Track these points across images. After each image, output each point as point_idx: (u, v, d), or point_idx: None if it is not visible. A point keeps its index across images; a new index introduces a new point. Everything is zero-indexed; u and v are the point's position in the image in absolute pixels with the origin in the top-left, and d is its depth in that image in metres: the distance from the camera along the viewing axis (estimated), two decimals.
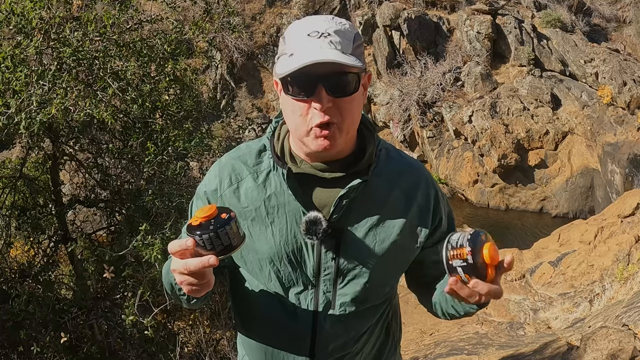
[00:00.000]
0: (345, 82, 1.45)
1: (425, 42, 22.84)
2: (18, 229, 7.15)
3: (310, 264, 1.58)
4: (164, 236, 5.28)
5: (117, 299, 6.78)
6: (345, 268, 1.58)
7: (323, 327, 1.63)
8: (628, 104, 21.09)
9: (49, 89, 5.11)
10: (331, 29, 1.44)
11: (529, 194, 20.54)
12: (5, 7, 5.25)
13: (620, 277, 8.44)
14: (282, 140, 1.62)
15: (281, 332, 1.66)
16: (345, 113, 1.47)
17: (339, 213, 1.54)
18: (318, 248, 1.56)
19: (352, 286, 1.60)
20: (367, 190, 1.56)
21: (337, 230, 1.55)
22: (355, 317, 1.63)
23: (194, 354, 6.54)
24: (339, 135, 1.48)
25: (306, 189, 1.56)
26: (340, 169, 1.56)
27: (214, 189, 1.63)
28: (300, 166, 1.57)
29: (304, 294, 1.61)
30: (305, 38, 1.44)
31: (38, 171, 7.26)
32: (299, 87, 1.44)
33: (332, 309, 1.61)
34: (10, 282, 6.60)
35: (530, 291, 10.65)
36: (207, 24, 6.49)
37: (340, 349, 1.67)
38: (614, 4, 26.44)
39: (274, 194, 1.57)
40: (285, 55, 1.47)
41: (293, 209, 1.55)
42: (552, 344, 5.53)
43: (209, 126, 8.07)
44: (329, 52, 1.41)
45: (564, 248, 12.68)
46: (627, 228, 11.44)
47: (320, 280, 1.59)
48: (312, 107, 1.44)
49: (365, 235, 1.57)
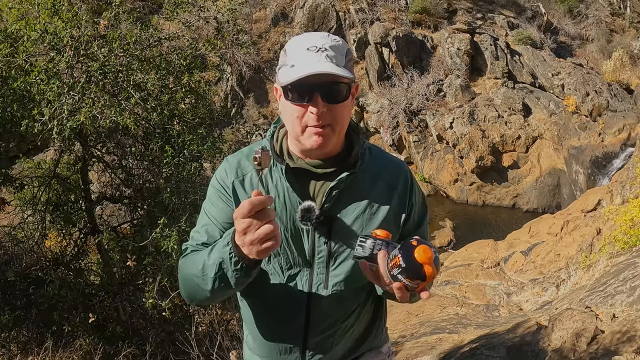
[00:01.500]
0: (338, 91, 1.48)
1: (412, 58, 22.82)
2: (52, 222, 7.15)
3: (306, 248, 1.60)
4: (180, 229, 5.28)
5: (139, 284, 6.77)
6: (336, 251, 1.60)
7: (316, 305, 1.64)
8: (590, 112, 21.10)
9: (78, 99, 5.09)
10: (327, 44, 1.47)
11: (503, 191, 20.53)
12: (40, 27, 5.24)
13: (583, 265, 8.43)
14: (280, 141, 1.65)
15: (277, 309, 1.67)
16: (337, 117, 1.51)
17: (330, 202, 1.57)
18: (312, 233, 1.59)
19: (343, 267, 1.61)
20: (354, 183, 1.59)
21: (329, 218, 1.58)
22: (346, 296, 1.64)
23: (207, 332, 6.52)
24: (332, 135, 1.52)
25: (301, 182, 1.59)
26: (331, 165, 1.59)
27: (224, 178, 1.65)
28: (297, 162, 1.60)
29: (299, 275, 1.62)
30: (305, 52, 1.47)
31: (70, 171, 7.25)
32: (298, 94, 1.47)
33: (325, 289, 1.62)
34: (45, 269, 6.59)
35: (504, 277, 10.65)
36: (218, 41, 6.48)
37: (331, 326, 1.67)
38: (578, 24, 26.46)
39: (275, 186, 1.59)
40: (287, 66, 1.49)
41: (291, 199, 1.58)
42: (524, 324, 5.52)
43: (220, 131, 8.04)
44: (326, 64, 1.44)
45: (534, 239, 12.68)
46: (589, 222, 11.45)
47: (315, 263, 1.61)
48: (308, 112, 1.48)
49: (353, 221, 1.59)
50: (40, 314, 6.22)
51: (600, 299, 5.61)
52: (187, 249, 1.67)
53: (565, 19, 26.42)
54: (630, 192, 10.56)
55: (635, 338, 4.02)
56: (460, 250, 13.83)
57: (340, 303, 1.64)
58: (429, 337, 6.50)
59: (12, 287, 6.33)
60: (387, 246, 1.39)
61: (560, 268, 9.68)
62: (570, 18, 26.60)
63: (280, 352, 1.71)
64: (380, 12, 23.64)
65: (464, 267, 11.68)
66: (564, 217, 13.24)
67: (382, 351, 1.86)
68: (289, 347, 1.70)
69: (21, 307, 6.29)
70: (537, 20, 25.52)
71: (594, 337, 4.33)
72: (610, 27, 26.38)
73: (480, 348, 5.18)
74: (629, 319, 4.49)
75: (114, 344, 6.18)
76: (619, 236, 7.92)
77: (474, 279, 10.64)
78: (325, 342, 1.69)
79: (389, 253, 1.36)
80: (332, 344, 1.70)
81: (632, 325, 4.21)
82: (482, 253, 12.59)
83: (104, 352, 5.82)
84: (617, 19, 27.12)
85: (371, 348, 1.81)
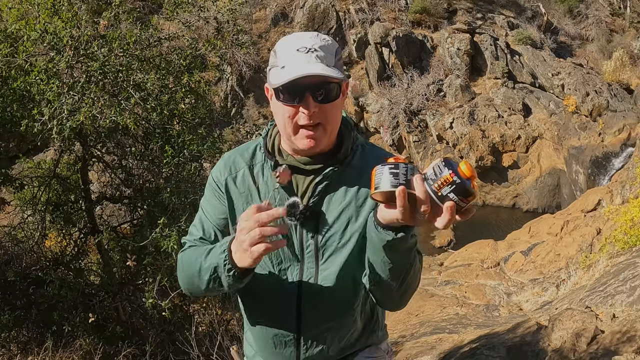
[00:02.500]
0: (328, 91, 1.49)
1: (412, 58, 22.81)
2: (52, 222, 7.14)
3: (295, 243, 1.61)
4: (180, 229, 5.28)
5: (139, 284, 6.77)
6: (323, 245, 1.61)
7: (308, 299, 1.64)
8: (590, 112, 21.09)
9: (78, 98, 5.09)
10: (317, 45, 1.48)
11: (503, 191, 20.52)
12: (40, 27, 5.23)
13: (583, 264, 8.43)
14: (273, 138, 1.67)
15: (270, 303, 1.68)
16: (328, 116, 1.52)
17: (316, 198, 1.59)
18: (300, 228, 1.60)
19: (332, 261, 1.61)
20: (341, 179, 1.60)
21: (315, 213, 1.59)
22: (338, 290, 1.63)
23: (207, 332, 6.52)
24: (324, 135, 1.53)
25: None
26: (319, 161, 1.60)
27: (218, 176, 1.70)
28: (286, 159, 1.62)
29: (290, 269, 1.64)
30: (295, 53, 1.48)
31: (70, 171, 7.25)
32: (289, 95, 1.49)
33: (316, 283, 1.63)
34: (45, 269, 6.59)
35: (504, 277, 10.65)
36: (218, 41, 6.48)
37: (325, 320, 1.68)
38: (578, 24, 26.45)
39: (265, 182, 1.63)
40: (277, 68, 1.51)
41: (281, 194, 1.61)
42: (524, 324, 5.52)
43: (220, 131, 8.04)
44: (316, 65, 1.45)
45: (534, 239, 12.69)
46: (589, 222, 11.45)
47: (305, 257, 1.62)
48: (300, 112, 1.49)
49: (338, 216, 1.59)
50: (40, 314, 6.22)
51: (600, 299, 5.60)
52: (186, 244, 1.75)
53: (565, 19, 26.41)
54: (630, 192, 10.57)
55: (635, 338, 4.01)
56: (460, 250, 13.84)
57: (332, 297, 1.64)
58: (429, 337, 6.50)
59: (12, 287, 6.33)
60: (414, 169, 1.28)
61: (560, 268, 9.68)
62: (570, 18, 26.60)
63: (276, 345, 1.72)
64: (380, 12, 23.63)
65: (464, 267, 11.68)
66: (564, 217, 13.25)
67: (381, 348, 1.85)
68: (284, 340, 1.71)
69: (21, 307, 6.29)
70: (537, 20, 25.51)
71: (594, 337, 4.32)
72: (610, 27, 26.38)
73: (480, 348, 5.17)
74: (629, 319, 4.48)
75: (114, 344, 6.18)
76: (619, 236, 7.92)
77: (474, 279, 10.65)
78: (319, 336, 1.69)
79: (425, 173, 1.26)
80: (326, 338, 1.70)
81: (632, 325, 4.21)
82: (482, 253, 12.60)
83: (104, 352, 5.82)
84: (617, 19, 27.12)
85: (369, 345, 1.81)
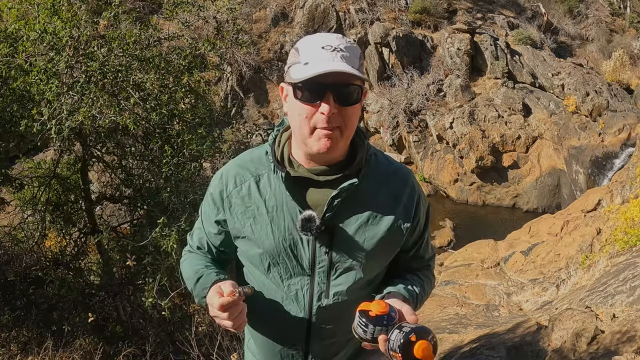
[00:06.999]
0: (350, 93, 1.44)
1: (412, 58, 22.80)
2: (52, 222, 7.14)
3: (305, 257, 1.56)
4: (179, 229, 5.28)
5: (139, 283, 6.76)
6: (337, 261, 1.56)
7: (318, 314, 1.61)
8: (590, 112, 21.08)
9: (78, 98, 5.09)
10: (342, 45, 1.44)
11: (503, 191, 20.51)
12: (39, 27, 5.22)
13: (583, 265, 8.42)
14: (282, 146, 1.60)
15: (279, 318, 1.64)
16: (347, 120, 1.46)
17: (332, 212, 1.52)
18: (313, 243, 1.54)
19: (344, 278, 1.58)
20: (357, 192, 1.54)
21: (330, 228, 1.53)
22: (347, 306, 1.58)
23: (207, 332, 6.51)
24: (340, 139, 1.47)
25: (302, 190, 1.55)
26: (333, 172, 1.53)
27: (219, 191, 1.62)
28: (298, 170, 1.55)
29: (300, 284, 1.59)
30: (320, 50, 1.42)
31: (69, 171, 7.24)
32: (310, 93, 1.42)
33: (326, 299, 1.59)
34: (45, 269, 6.58)
35: (504, 277, 10.64)
36: (218, 41, 6.47)
37: (334, 334, 1.65)
38: (578, 23, 26.47)
39: (274, 194, 1.56)
40: (299, 64, 1.44)
41: (290, 208, 1.54)
42: (524, 323, 5.51)
43: (220, 131, 8.00)
44: (341, 64, 1.41)
45: (534, 239, 12.67)
46: (589, 221, 11.44)
47: (316, 272, 1.57)
48: (318, 112, 1.43)
49: (355, 232, 1.54)
50: (40, 314, 6.21)
51: (600, 299, 5.59)
52: (186, 251, 1.80)
53: (565, 19, 26.43)
54: (630, 192, 10.56)
55: (635, 338, 4.01)
56: (460, 250, 13.83)
57: (342, 312, 1.59)
58: None
59: (12, 287, 6.33)
60: (387, 325, 1.39)
61: (560, 268, 9.67)
62: (570, 18, 26.62)
63: (282, 357, 1.70)
64: (380, 12, 23.64)
65: (464, 267, 11.68)
66: (564, 217, 13.24)
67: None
68: (290, 354, 1.69)
69: (21, 307, 6.28)
70: (537, 20, 25.52)
71: (594, 337, 4.32)
72: (610, 27, 26.39)
73: (480, 348, 5.17)
74: (629, 319, 4.47)
75: (114, 343, 6.17)
76: (619, 236, 7.91)
77: (474, 279, 10.64)
78: (327, 349, 1.68)
79: (389, 338, 1.37)
80: (334, 352, 1.69)
81: (632, 325, 4.20)
82: (482, 253, 12.59)
83: (104, 352, 5.81)
84: (617, 19, 27.14)
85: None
